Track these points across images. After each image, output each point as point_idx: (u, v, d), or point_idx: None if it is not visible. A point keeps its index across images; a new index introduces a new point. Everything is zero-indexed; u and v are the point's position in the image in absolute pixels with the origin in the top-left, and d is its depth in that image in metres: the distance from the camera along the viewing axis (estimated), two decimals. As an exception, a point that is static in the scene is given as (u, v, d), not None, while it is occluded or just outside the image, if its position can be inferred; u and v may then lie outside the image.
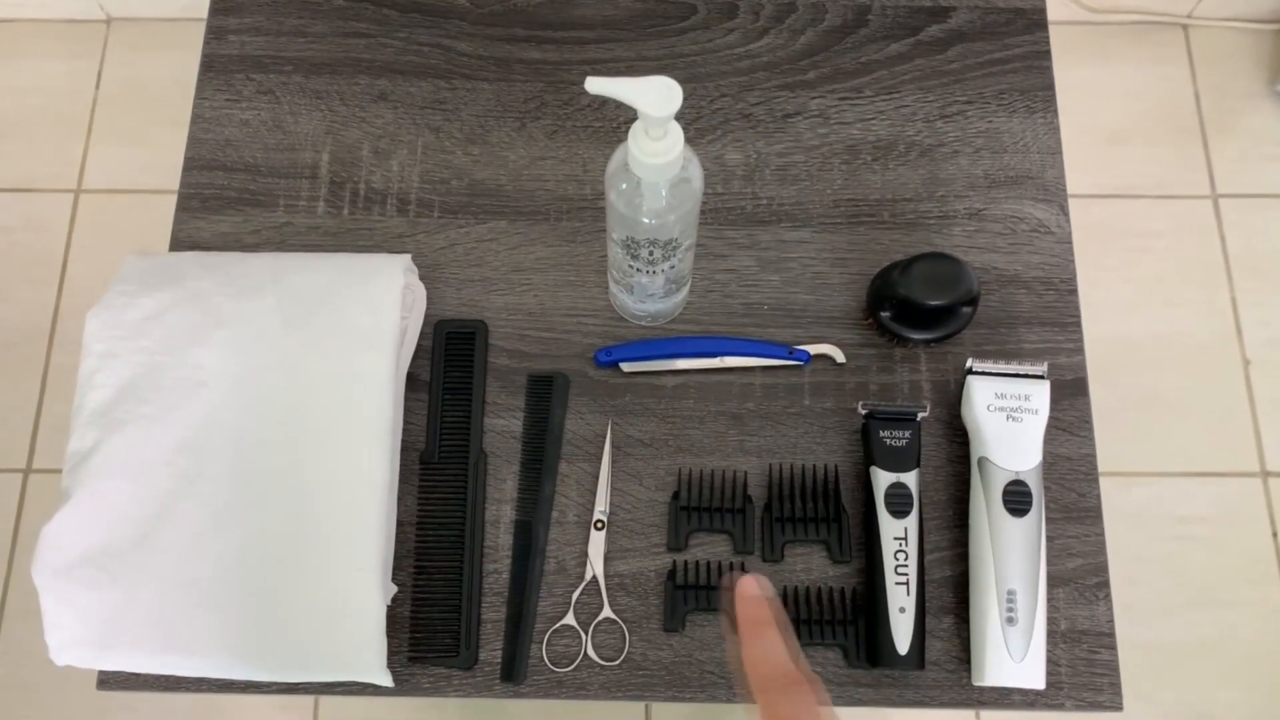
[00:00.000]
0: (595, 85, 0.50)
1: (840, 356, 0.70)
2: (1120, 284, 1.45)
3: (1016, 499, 0.62)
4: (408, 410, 0.69)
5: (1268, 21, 1.56)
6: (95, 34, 1.59)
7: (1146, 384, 1.40)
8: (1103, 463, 0.70)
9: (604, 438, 0.68)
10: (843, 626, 0.64)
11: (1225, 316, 1.44)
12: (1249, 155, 1.52)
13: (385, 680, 0.61)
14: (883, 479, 0.64)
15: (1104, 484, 0.69)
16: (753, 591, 0.42)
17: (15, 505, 1.37)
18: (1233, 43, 1.57)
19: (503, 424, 0.69)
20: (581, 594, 0.65)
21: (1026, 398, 0.65)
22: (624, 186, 0.56)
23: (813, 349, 0.70)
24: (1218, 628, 1.31)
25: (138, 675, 0.63)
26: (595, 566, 0.66)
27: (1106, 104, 1.54)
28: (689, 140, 0.53)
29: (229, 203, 0.74)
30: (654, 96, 0.50)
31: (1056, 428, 0.68)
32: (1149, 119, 1.54)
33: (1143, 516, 1.34)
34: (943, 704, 0.63)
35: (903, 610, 0.62)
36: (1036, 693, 0.63)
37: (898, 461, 0.64)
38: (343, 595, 0.61)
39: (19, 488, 1.38)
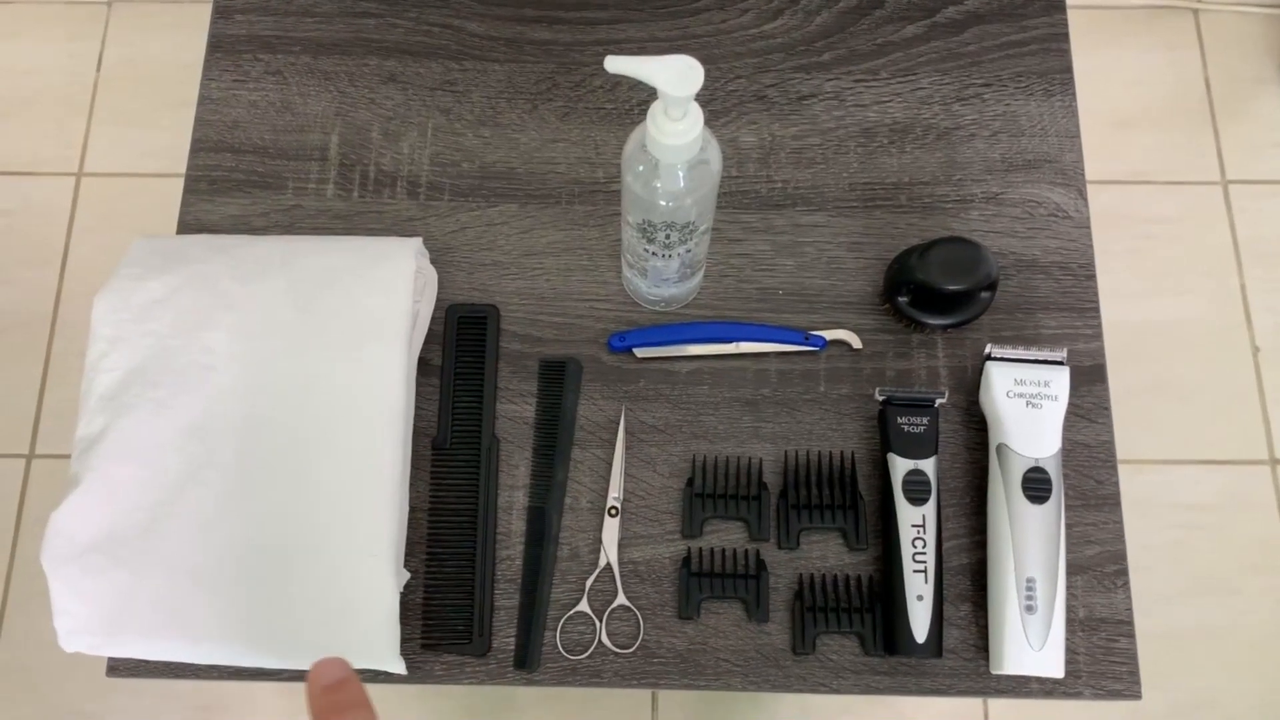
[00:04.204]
0: (614, 64, 0.49)
1: (856, 342, 0.69)
2: (1128, 270, 1.44)
3: (1036, 486, 0.62)
4: (419, 396, 0.68)
5: (1278, 7, 1.55)
6: (96, 15, 1.57)
7: (1154, 371, 1.40)
8: (1115, 450, 0.69)
9: (617, 423, 0.68)
10: (859, 614, 0.63)
11: (1234, 303, 1.43)
12: (1259, 141, 1.51)
13: (398, 668, 0.61)
14: (900, 466, 0.63)
15: (1119, 471, 0.68)
16: (330, 675, 0.36)
17: (18, 491, 1.36)
18: (1243, 28, 1.56)
19: (515, 409, 0.68)
20: (595, 581, 0.65)
21: (1046, 384, 0.64)
22: (641, 168, 0.55)
23: (829, 334, 0.69)
24: (1225, 615, 1.30)
25: (147, 662, 0.63)
26: (609, 553, 0.65)
27: (1116, 89, 1.53)
28: (704, 122, 0.52)
29: (237, 185, 0.73)
30: (674, 75, 0.49)
31: (1075, 414, 0.68)
32: (1159, 104, 1.53)
33: (1150, 503, 1.34)
34: (960, 692, 0.63)
35: (920, 598, 0.61)
36: (1055, 681, 0.62)
37: (915, 448, 0.64)
38: (355, 582, 0.61)
39: (22, 473, 1.37)
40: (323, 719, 0.35)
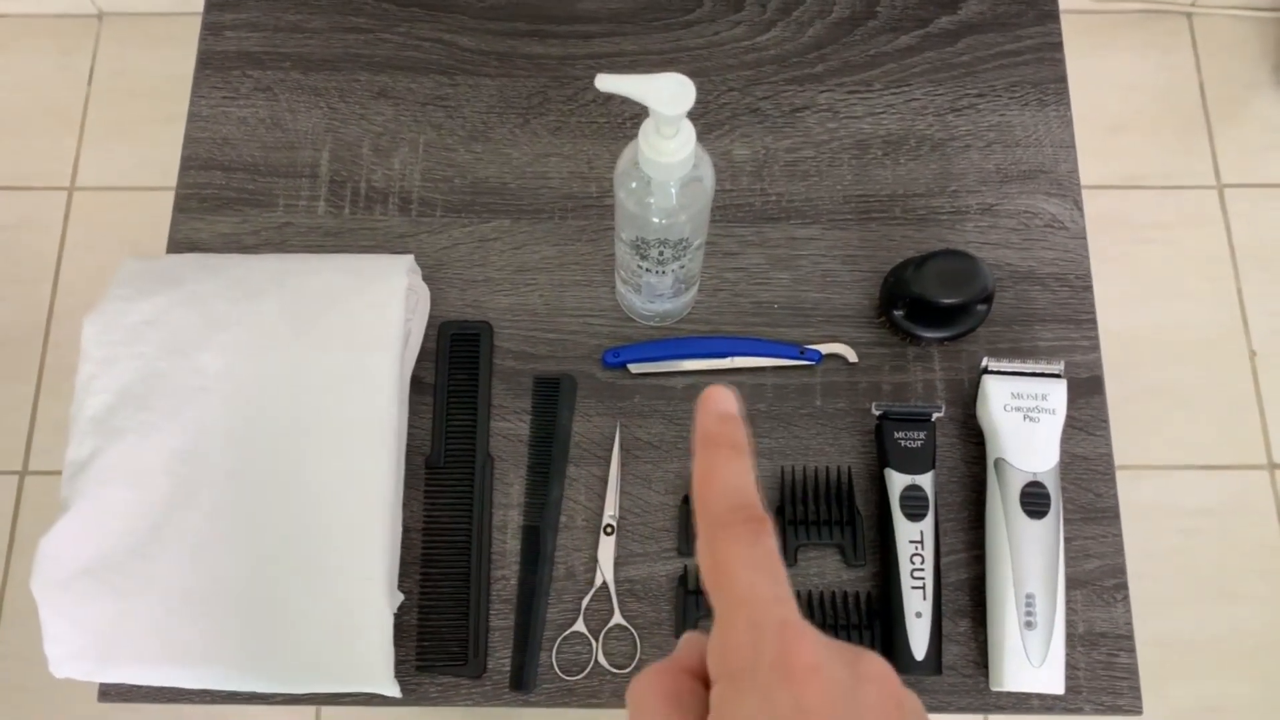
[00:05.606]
0: (605, 83, 0.48)
1: (852, 356, 0.69)
2: (1124, 276, 1.44)
3: (1034, 501, 0.61)
4: (412, 414, 0.67)
5: (1272, 10, 1.55)
6: (87, 29, 1.57)
7: (1152, 377, 1.39)
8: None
9: (612, 440, 0.67)
10: (858, 631, 0.63)
11: (1231, 308, 1.43)
12: (1254, 145, 1.51)
13: (393, 690, 0.60)
14: (898, 481, 0.63)
15: (1114, 480, 0.68)
16: (726, 407, 0.32)
17: (11, 508, 1.36)
18: (1237, 31, 1.56)
19: (509, 427, 0.68)
20: (591, 600, 0.64)
21: (1043, 397, 0.63)
22: (634, 185, 0.55)
23: (824, 348, 0.68)
24: (1227, 621, 1.30)
25: (139, 687, 0.62)
26: (605, 572, 0.64)
27: (1110, 94, 1.53)
28: (695, 136, 0.51)
29: (227, 203, 0.73)
30: (666, 94, 0.48)
31: (1072, 427, 0.67)
32: (1153, 109, 1.53)
33: (1150, 510, 1.33)
34: (960, 709, 0.62)
35: (919, 614, 0.61)
36: (1055, 697, 0.62)
37: (913, 463, 0.63)
38: (349, 604, 0.60)
39: (15, 490, 1.36)
40: (709, 444, 0.31)
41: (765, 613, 0.25)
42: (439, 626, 0.63)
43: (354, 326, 0.64)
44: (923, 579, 0.61)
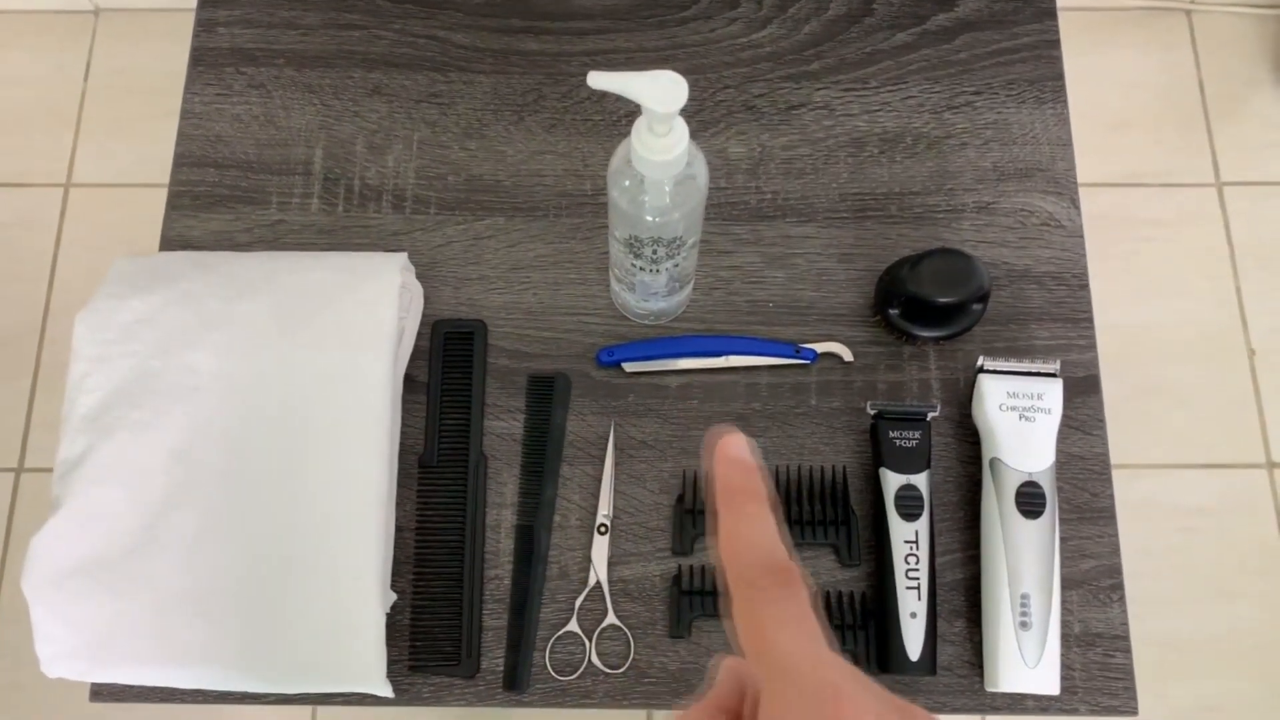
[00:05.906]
0: (597, 80, 0.48)
1: (848, 355, 0.68)
2: (1123, 273, 1.44)
3: (1030, 501, 0.61)
4: (406, 413, 0.67)
5: (1271, 7, 1.54)
6: (83, 25, 1.56)
7: (1150, 375, 1.39)
8: (1108, 456, 0.69)
9: (606, 439, 0.67)
10: (853, 632, 0.62)
11: (1230, 306, 1.42)
12: (1253, 142, 1.50)
13: (385, 691, 0.60)
14: (892, 481, 0.63)
15: (1110, 478, 0.68)
16: (740, 454, 0.31)
17: (7, 505, 1.35)
18: (1236, 29, 1.56)
19: (503, 426, 0.67)
20: (585, 600, 0.64)
21: (1039, 396, 0.63)
22: (627, 184, 0.54)
23: (819, 347, 0.68)
24: (1225, 620, 1.30)
25: (131, 686, 0.62)
26: (599, 572, 0.64)
27: (1109, 91, 1.52)
28: (691, 134, 0.51)
29: (220, 200, 0.73)
30: (658, 91, 0.48)
31: (1069, 426, 0.67)
32: (1152, 106, 1.52)
33: (1148, 509, 1.33)
34: (955, 710, 0.62)
35: (914, 615, 0.60)
36: (1050, 698, 0.62)
37: (908, 463, 0.63)
38: (341, 604, 0.60)
39: (11, 487, 1.36)
40: (730, 498, 0.31)
41: (810, 679, 0.25)
42: (432, 626, 0.63)
43: (347, 325, 0.64)
44: (918, 579, 0.61)
